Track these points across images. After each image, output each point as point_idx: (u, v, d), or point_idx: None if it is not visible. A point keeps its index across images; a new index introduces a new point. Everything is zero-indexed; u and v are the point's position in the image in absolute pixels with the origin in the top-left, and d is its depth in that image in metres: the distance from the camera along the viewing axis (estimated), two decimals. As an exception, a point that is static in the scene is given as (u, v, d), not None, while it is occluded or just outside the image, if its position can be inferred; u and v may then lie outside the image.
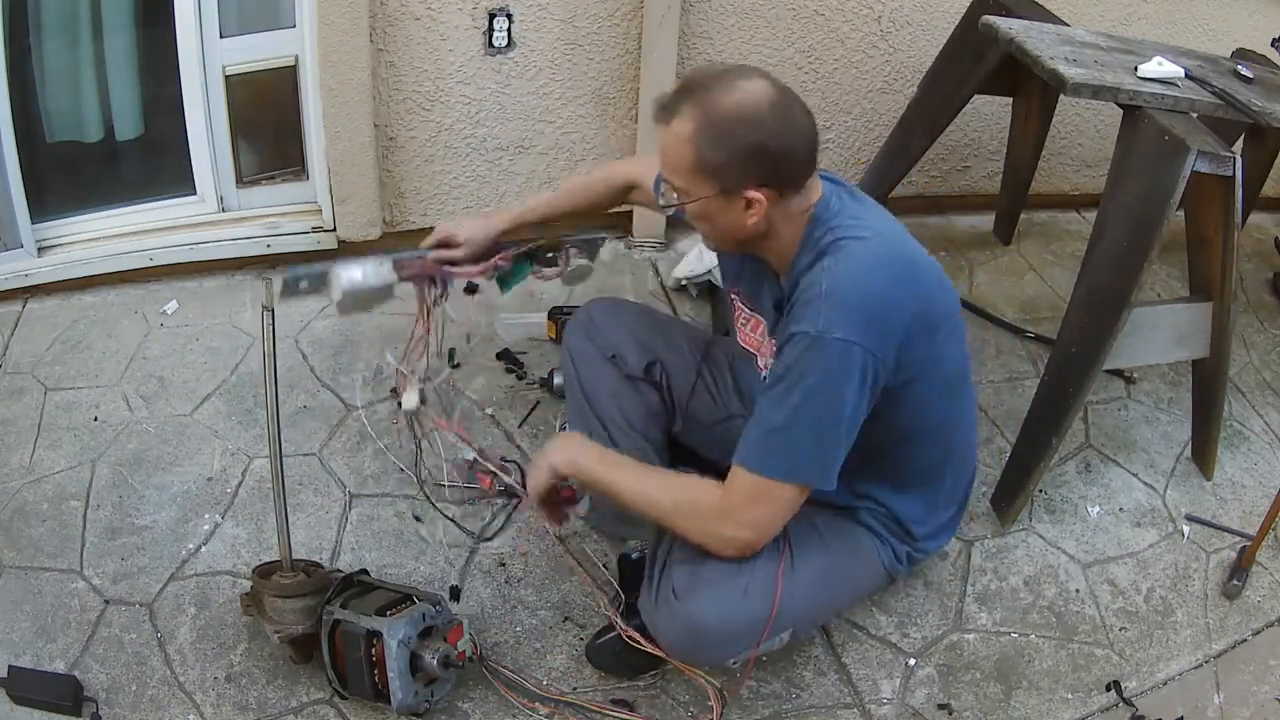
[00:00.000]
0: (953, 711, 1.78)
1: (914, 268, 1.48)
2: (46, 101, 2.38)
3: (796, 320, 1.42)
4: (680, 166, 1.43)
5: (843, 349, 1.38)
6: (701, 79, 1.42)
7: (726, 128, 1.38)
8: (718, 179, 1.41)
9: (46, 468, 2.03)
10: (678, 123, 1.40)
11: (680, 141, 1.40)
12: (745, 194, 1.42)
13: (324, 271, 1.76)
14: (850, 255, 1.43)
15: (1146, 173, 1.90)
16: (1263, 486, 2.29)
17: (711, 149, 1.39)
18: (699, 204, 1.44)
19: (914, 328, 1.44)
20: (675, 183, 1.45)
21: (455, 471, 2.01)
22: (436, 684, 1.63)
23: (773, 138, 1.39)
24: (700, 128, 1.39)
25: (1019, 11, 2.32)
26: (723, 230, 1.49)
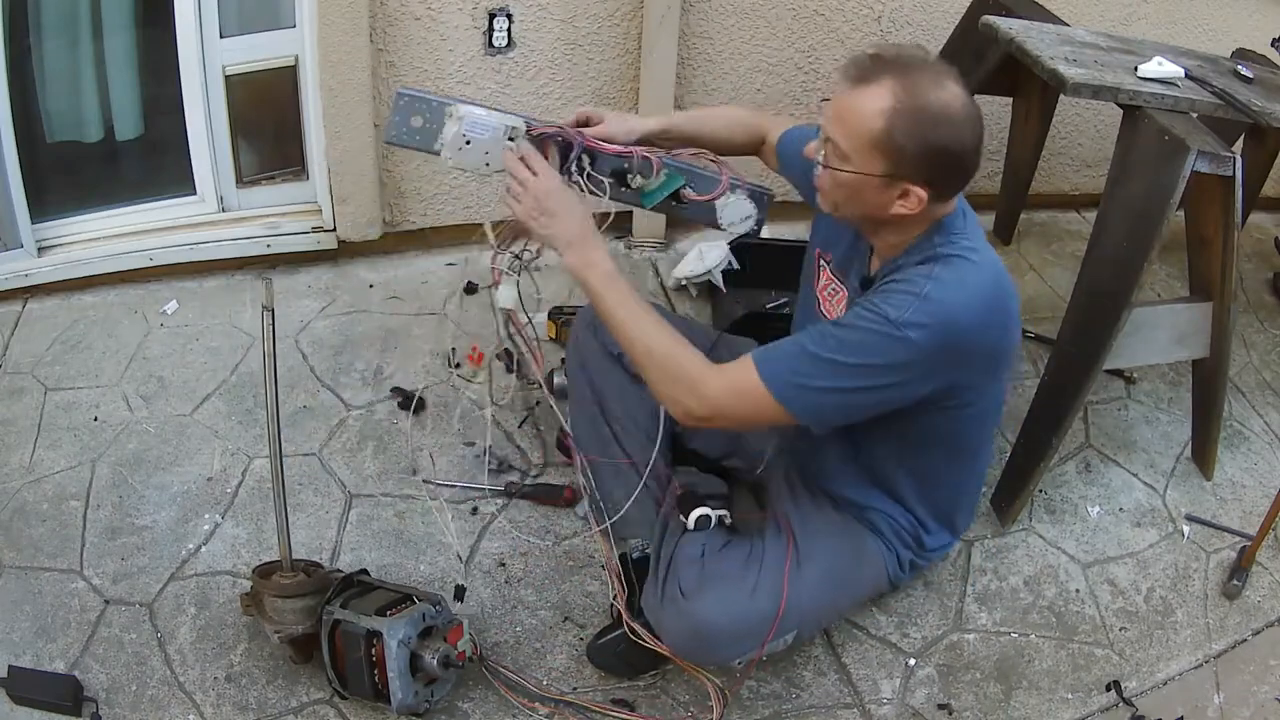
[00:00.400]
0: (953, 711, 1.78)
1: (1006, 310, 1.48)
2: (46, 101, 2.37)
3: (885, 297, 1.41)
4: (860, 135, 1.37)
5: (908, 348, 1.38)
6: (909, 58, 1.37)
7: (925, 119, 1.34)
8: (892, 162, 1.37)
9: (46, 468, 2.03)
10: (874, 91, 1.35)
11: (872, 112, 1.35)
12: (908, 186, 1.38)
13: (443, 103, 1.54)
14: (962, 276, 1.41)
15: (1146, 173, 1.90)
16: (1263, 486, 2.29)
17: (903, 132, 1.34)
18: (855, 177, 1.39)
19: (982, 360, 1.46)
20: (842, 145, 1.39)
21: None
22: (436, 684, 1.63)
23: (960, 145, 1.37)
24: (899, 108, 1.34)
25: (1019, 11, 2.32)
26: (859, 206, 1.45)
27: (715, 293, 2.61)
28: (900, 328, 1.37)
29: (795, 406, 1.42)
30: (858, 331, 1.40)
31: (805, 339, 1.43)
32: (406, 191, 2.63)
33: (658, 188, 1.66)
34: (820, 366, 1.40)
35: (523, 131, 1.55)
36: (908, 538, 1.72)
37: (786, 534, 1.67)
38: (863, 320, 1.40)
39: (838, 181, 1.42)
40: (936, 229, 1.47)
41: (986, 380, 1.53)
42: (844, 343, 1.40)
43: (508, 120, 1.54)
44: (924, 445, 1.59)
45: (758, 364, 1.43)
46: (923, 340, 1.37)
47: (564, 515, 2.04)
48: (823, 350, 1.40)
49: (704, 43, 2.63)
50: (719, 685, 1.69)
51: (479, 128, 1.53)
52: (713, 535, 1.70)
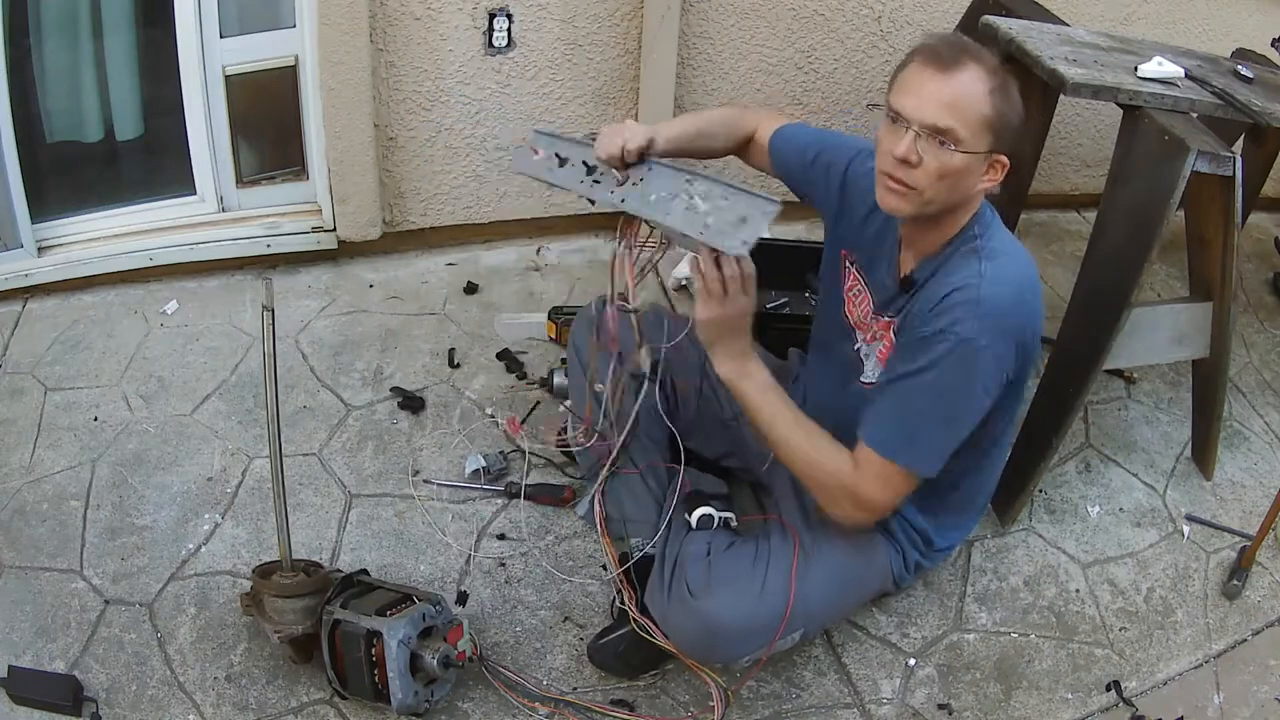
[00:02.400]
0: (953, 711, 1.78)
1: (1039, 296, 1.53)
2: (46, 101, 2.37)
3: (947, 318, 1.44)
4: (973, 116, 1.40)
5: (988, 358, 1.44)
6: (970, 45, 1.44)
7: (1010, 93, 1.41)
8: (997, 136, 1.42)
9: (46, 468, 2.03)
10: (969, 74, 1.39)
11: (979, 94, 1.39)
12: (998, 157, 1.44)
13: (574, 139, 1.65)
14: (1005, 271, 1.47)
15: (1146, 173, 1.90)
16: (1263, 486, 2.29)
17: (1004, 108, 1.41)
18: (966, 159, 1.42)
19: (1023, 355, 1.50)
20: (960, 131, 1.40)
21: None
22: (436, 684, 1.63)
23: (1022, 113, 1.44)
24: (994, 86, 1.40)
25: (1019, 11, 2.32)
26: (956, 190, 1.46)
27: (715, 293, 2.60)
28: (973, 341, 1.42)
29: (928, 466, 1.50)
30: (938, 366, 1.44)
31: (899, 400, 1.48)
32: (406, 191, 2.63)
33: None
34: (929, 422, 1.47)
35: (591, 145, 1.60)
36: (917, 538, 1.72)
37: (792, 534, 1.67)
38: (936, 351, 1.44)
39: (947, 169, 1.42)
40: (976, 219, 1.52)
41: (1025, 375, 1.56)
42: (937, 385, 1.45)
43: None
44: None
45: (880, 451, 1.49)
46: (995, 343, 1.44)
47: (564, 515, 2.04)
48: (920, 403, 1.46)
49: (704, 43, 2.63)
50: (723, 686, 1.69)
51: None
52: (718, 535, 1.70)
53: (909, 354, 1.48)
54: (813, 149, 1.74)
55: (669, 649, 1.65)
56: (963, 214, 1.50)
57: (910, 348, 1.49)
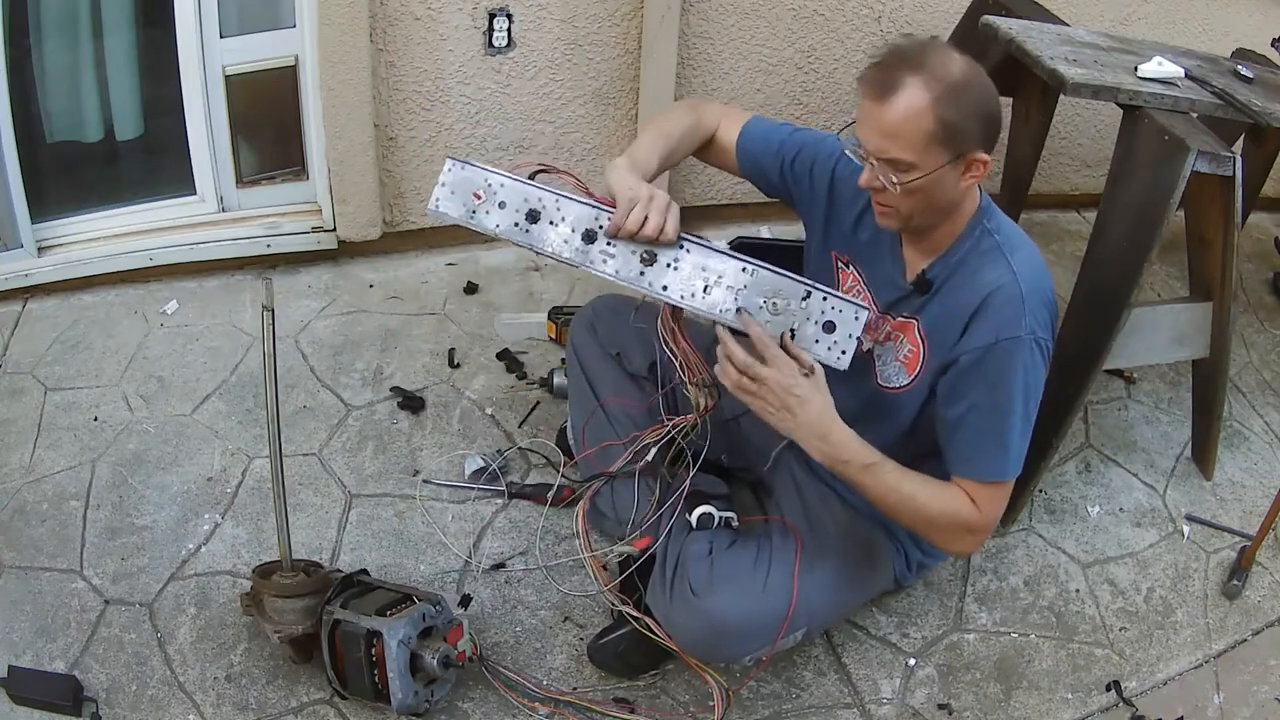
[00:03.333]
0: (953, 711, 1.78)
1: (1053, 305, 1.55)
2: (46, 101, 2.37)
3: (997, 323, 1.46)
4: (916, 138, 1.36)
5: (1043, 350, 1.47)
6: (910, 51, 1.38)
7: (963, 91, 1.36)
8: (953, 144, 1.38)
9: (46, 468, 2.03)
10: (908, 95, 1.35)
11: (916, 112, 1.35)
12: (973, 156, 1.40)
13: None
14: (1031, 261, 1.50)
15: (1146, 173, 1.90)
16: (1263, 486, 2.29)
17: (954, 113, 1.36)
18: (927, 178, 1.39)
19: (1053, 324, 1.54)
20: (906, 158, 1.38)
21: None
22: (436, 684, 1.63)
23: (993, 101, 1.41)
24: (938, 94, 1.35)
25: (1019, 11, 2.32)
26: (935, 201, 1.45)
27: (715, 293, 2.60)
28: (1030, 338, 1.44)
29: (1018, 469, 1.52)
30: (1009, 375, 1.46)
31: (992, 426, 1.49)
32: (406, 191, 2.63)
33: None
34: (1016, 429, 1.48)
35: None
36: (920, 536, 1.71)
37: (794, 533, 1.67)
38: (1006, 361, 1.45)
39: (911, 191, 1.41)
40: (981, 213, 1.52)
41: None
42: (1011, 397, 1.47)
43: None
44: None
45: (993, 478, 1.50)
46: (1046, 335, 1.48)
47: (564, 515, 2.04)
48: (1007, 420, 1.48)
49: (704, 43, 2.63)
50: (723, 685, 1.69)
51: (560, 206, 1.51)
52: (719, 534, 1.70)
53: (978, 375, 1.47)
54: (790, 149, 1.68)
55: (671, 648, 1.64)
56: (962, 210, 1.50)
57: (976, 368, 1.47)
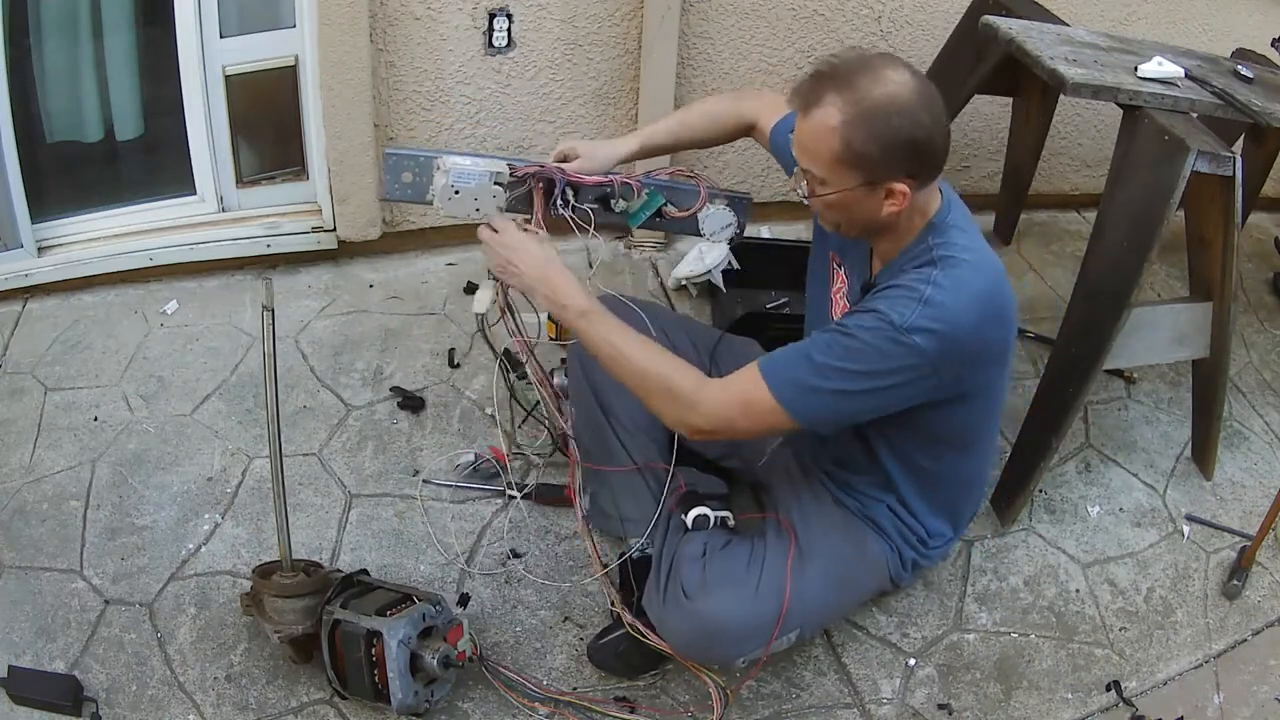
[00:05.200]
0: (953, 711, 1.78)
1: (1005, 308, 1.49)
2: (46, 101, 2.37)
3: (887, 301, 1.42)
4: (823, 157, 1.38)
5: (912, 353, 1.39)
6: (845, 66, 1.37)
7: (878, 118, 1.34)
8: (864, 170, 1.38)
9: (46, 468, 2.03)
10: (821, 111, 1.36)
11: (825, 131, 1.36)
12: (890, 185, 1.39)
13: (430, 156, 1.62)
14: (960, 279, 1.42)
15: (1146, 173, 1.90)
16: (1263, 486, 2.29)
17: (862, 139, 1.35)
18: (838, 195, 1.41)
19: (984, 358, 1.48)
20: (815, 172, 1.41)
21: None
22: (436, 684, 1.63)
23: (921, 129, 1.36)
24: (849, 118, 1.34)
25: (1019, 11, 2.32)
26: (855, 219, 1.47)
27: (715, 293, 2.61)
28: (905, 333, 1.38)
29: (801, 413, 1.44)
30: (863, 337, 1.40)
31: (810, 347, 1.44)
32: (406, 191, 2.62)
33: (640, 209, 1.75)
34: (827, 373, 1.41)
35: (506, 176, 1.61)
36: (911, 535, 1.72)
37: (789, 533, 1.67)
38: (867, 325, 1.41)
39: (827, 204, 1.45)
40: (929, 229, 1.48)
41: (989, 377, 1.53)
42: (849, 349, 1.41)
43: (491, 167, 1.60)
44: (926, 440, 1.60)
45: (764, 373, 1.44)
46: (927, 345, 1.38)
47: (564, 515, 2.04)
48: (830, 358, 1.41)
49: (704, 43, 2.63)
50: (721, 685, 1.69)
51: (465, 177, 1.59)
52: (714, 535, 1.70)
53: (844, 318, 1.46)
54: None
55: (664, 649, 1.65)
56: (908, 226, 1.48)
57: (849, 316, 1.47)
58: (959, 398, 1.50)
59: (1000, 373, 1.57)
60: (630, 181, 1.71)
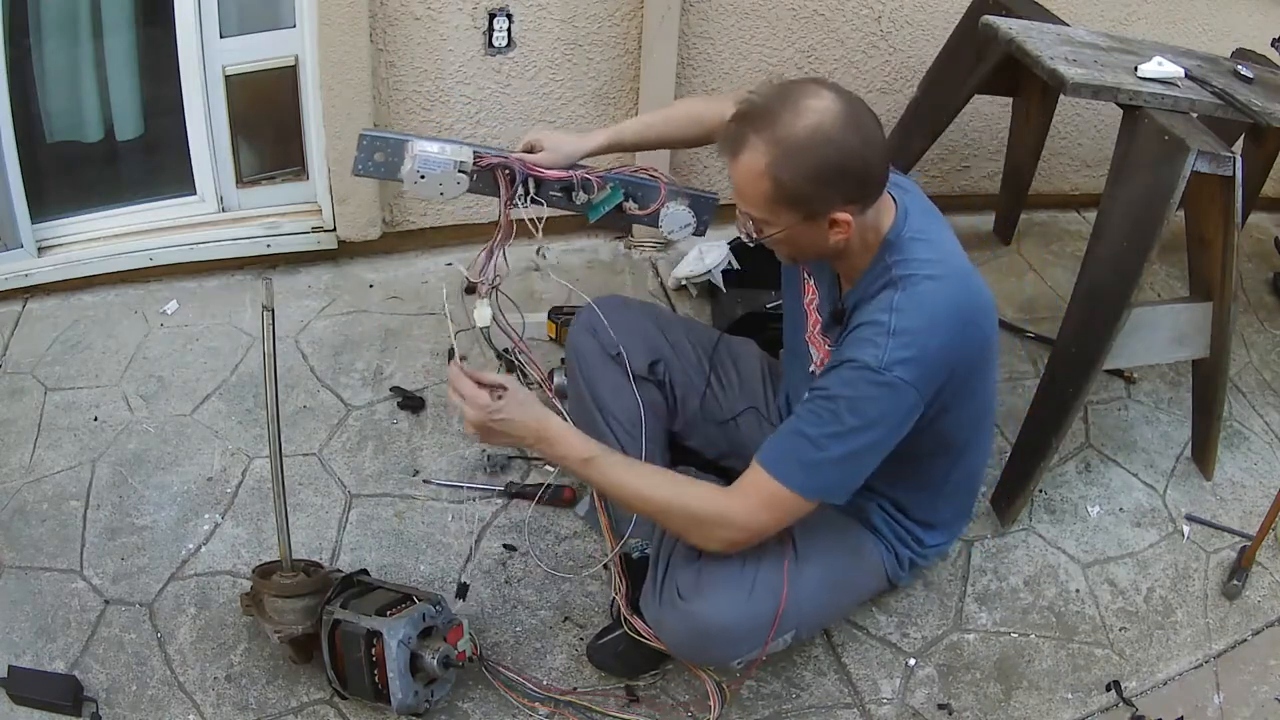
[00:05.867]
0: (953, 711, 1.78)
1: (978, 313, 1.48)
2: (46, 101, 2.37)
3: (857, 346, 1.41)
4: (758, 199, 1.38)
5: (899, 390, 1.39)
6: (764, 103, 1.36)
7: (804, 153, 1.32)
8: (800, 206, 1.37)
9: (46, 468, 2.03)
10: (748, 155, 1.35)
11: (754, 175, 1.35)
12: (831, 216, 1.38)
13: (401, 140, 1.68)
14: (921, 298, 1.41)
15: (1146, 173, 1.90)
16: (1263, 486, 2.29)
17: (791, 177, 1.34)
18: (783, 233, 1.41)
19: (963, 369, 1.46)
20: (755, 215, 1.41)
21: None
22: (436, 684, 1.63)
23: (851, 154, 1.34)
24: (774, 158, 1.33)
25: (1019, 11, 2.32)
26: (805, 251, 1.48)
27: (715, 293, 2.61)
28: (884, 371, 1.38)
29: (818, 490, 1.45)
30: (846, 393, 1.41)
31: (800, 424, 1.44)
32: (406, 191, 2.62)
33: (600, 203, 1.78)
34: (825, 443, 1.41)
35: (470, 165, 1.67)
36: (906, 535, 1.72)
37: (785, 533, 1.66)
38: (846, 379, 1.41)
39: (774, 242, 1.45)
40: (885, 248, 1.47)
41: (970, 384, 1.52)
42: (837, 411, 1.41)
43: (458, 155, 1.65)
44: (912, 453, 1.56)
45: (772, 471, 1.44)
46: (909, 374, 1.38)
47: (564, 515, 2.04)
48: (823, 428, 1.42)
49: (704, 43, 2.63)
50: (717, 681, 1.69)
51: (431, 164, 1.65)
52: None
53: (819, 384, 1.46)
54: None
55: (660, 648, 1.65)
56: (863, 246, 1.48)
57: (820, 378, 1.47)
58: (941, 410, 1.49)
59: (983, 377, 1.55)
60: (590, 177, 1.74)
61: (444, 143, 1.69)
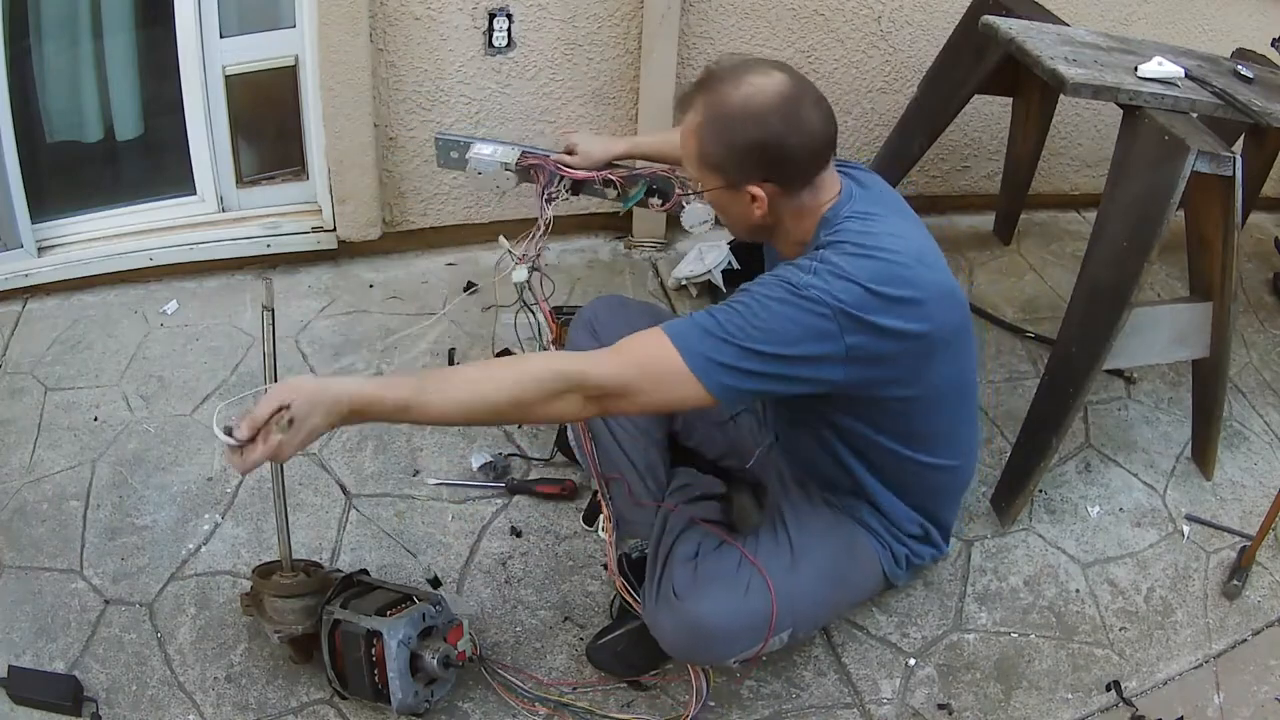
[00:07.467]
0: (953, 711, 1.78)
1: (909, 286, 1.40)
2: (46, 101, 2.38)
3: (785, 269, 1.41)
4: (689, 157, 1.47)
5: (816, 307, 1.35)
6: (718, 71, 1.44)
7: (727, 123, 1.40)
8: (720, 172, 1.44)
9: (46, 468, 2.03)
10: (690, 115, 1.44)
11: (689, 133, 1.44)
12: (747, 189, 1.44)
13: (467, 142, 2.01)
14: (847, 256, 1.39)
15: (1146, 173, 1.90)
16: (1263, 486, 2.29)
17: (712, 143, 1.42)
18: (710, 194, 1.48)
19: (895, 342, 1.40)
20: (690, 171, 1.50)
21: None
22: (436, 684, 1.63)
23: (773, 135, 1.39)
24: (704, 121, 1.41)
25: (1019, 11, 2.32)
26: (733, 220, 1.54)
27: (715, 293, 2.61)
28: (805, 289, 1.36)
29: (705, 369, 1.35)
30: (763, 293, 1.38)
31: (713, 310, 1.38)
32: (406, 191, 2.63)
33: (629, 197, 1.99)
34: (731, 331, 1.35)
35: (513, 164, 1.95)
36: (900, 533, 1.71)
37: (781, 532, 1.67)
38: (767, 283, 1.39)
39: (709, 202, 1.53)
40: (821, 225, 1.48)
41: (915, 366, 1.46)
42: (750, 305, 1.37)
43: (506, 157, 1.95)
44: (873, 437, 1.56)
45: (666, 331, 1.37)
46: (829, 300, 1.35)
47: (564, 515, 2.04)
48: (732, 317, 1.36)
49: (704, 43, 2.63)
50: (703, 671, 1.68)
51: (483, 164, 1.97)
52: (708, 535, 1.70)
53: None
54: None
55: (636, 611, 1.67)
56: (796, 225, 1.49)
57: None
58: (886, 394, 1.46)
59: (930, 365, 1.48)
60: (614, 177, 1.96)
61: (499, 144, 1.99)
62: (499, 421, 1.45)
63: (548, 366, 1.35)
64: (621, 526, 1.81)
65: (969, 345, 1.60)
